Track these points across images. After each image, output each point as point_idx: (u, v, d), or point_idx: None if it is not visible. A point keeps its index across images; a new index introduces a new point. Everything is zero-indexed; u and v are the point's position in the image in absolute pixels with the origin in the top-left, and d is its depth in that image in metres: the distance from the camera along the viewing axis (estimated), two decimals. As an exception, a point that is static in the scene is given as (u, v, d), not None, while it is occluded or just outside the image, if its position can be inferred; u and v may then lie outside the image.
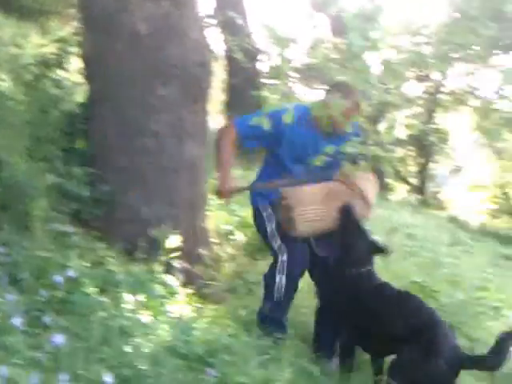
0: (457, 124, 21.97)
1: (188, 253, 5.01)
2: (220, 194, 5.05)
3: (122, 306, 3.77)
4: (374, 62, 5.05)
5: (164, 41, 5.18)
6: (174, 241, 4.78)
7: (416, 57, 5.75)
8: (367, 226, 4.84)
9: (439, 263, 8.10)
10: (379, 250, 4.75)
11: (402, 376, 4.19)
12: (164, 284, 4.38)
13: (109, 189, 5.12)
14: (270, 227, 4.90)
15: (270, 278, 4.84)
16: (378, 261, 6.78)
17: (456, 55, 5.73)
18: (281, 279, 4.75)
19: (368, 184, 4.91)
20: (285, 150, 4.89)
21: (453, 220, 16.98)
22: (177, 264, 4.70)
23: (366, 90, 5.30)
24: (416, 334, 4.21)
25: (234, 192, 5.07)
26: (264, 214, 4.96)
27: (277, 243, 4.84)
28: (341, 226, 4.69)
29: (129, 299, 3.87)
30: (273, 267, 4.83)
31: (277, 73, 4.90)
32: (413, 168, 23.15)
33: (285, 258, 4.76)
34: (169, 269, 4.61)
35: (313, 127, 4.87)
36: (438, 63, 5.50)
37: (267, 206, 4.95)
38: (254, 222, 5.21)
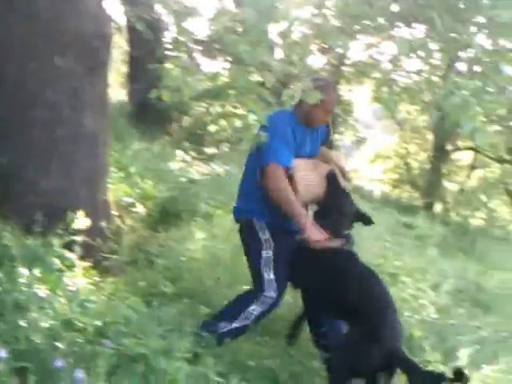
0: (360, 96, 22.33)
1: (88, 225, 4.96)
2: (320, 244, 4.49)
3: (18, 280, 3.70)
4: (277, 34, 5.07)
5: (61, 12, 5.07)
6: (73, 214, 4.72)
7: (318, 29, 5.80)
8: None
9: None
10: (364, 217, 4.74)
11: (338, 351, 4.28)
12: (61, 257, 4.31)
13: (5, 162, 5.01)
14: (267, 254, 4.57)
15: (243, 301, 4.56)
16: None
17: (357, 27, 5.80)
18: (254, 310, 4.48)
19: (343, 161, 4.97)
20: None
21: (356, 190, 17.30)
22: (76, 237, 4.63)
23: (267, 62, 5.30)
24: (365, 315, 4.24)
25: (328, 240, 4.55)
26: (261, 236, 4.63)
27: (269, 276, 4.50)
28: (329, 190, 4.65)
29: (24, 273, 3.80)
30: (252, 295, 4.55)
31: (178, 45, 4.86)
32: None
33: (273, 295, 4.48)
34: (67, 242, 4.54)
35: (297, 122, 4.75)
36: (339, 36, 5.56)
37: (264, 226, 4.65)
38: (241, 235, 4.87)
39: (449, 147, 22.39)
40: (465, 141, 21.01)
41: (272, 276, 4.49)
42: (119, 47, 14.53)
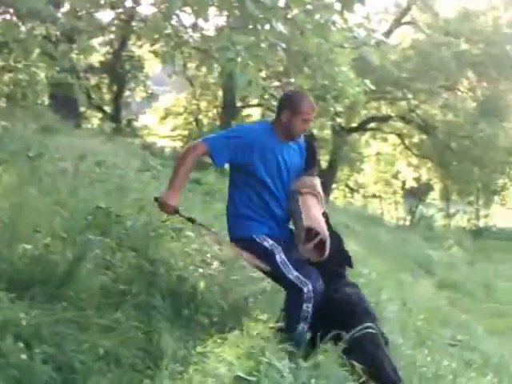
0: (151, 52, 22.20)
1: None
2: (164, 206, 4.82)
3: None
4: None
5: None
6: None
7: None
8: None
9: (127, 189, 8.24)
10: None
11: None
12: None
13: None
14: (280, 257, 4.76)
15: (293, 309, 4.71)
16: (62, 188, 6.75)
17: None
18: (307, 307, 4.65)
19: (318, 183, 5.12)
20: (257, 159, 4.83)
21: (146, 147, 17.27)
22: None
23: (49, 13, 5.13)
24: None
25: (176, 213, 4.93)
26: (266, 245, 4.82)
27: (293, 274, 4.70)
28: None
29: None
30: (295, 298, 4.70)
31: None
32: (107, 96, 23.12)
33: (310, 287, 4.65)
34: None
35: (276, 137, 4.90)
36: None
37: (264, 237, 4.83)
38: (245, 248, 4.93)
39: (239, 103, 22.80)
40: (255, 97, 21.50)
41: (295, 272, 4.69)
42: None
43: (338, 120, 15.31)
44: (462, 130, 28.71)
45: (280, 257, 4.76)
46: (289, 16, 4.86)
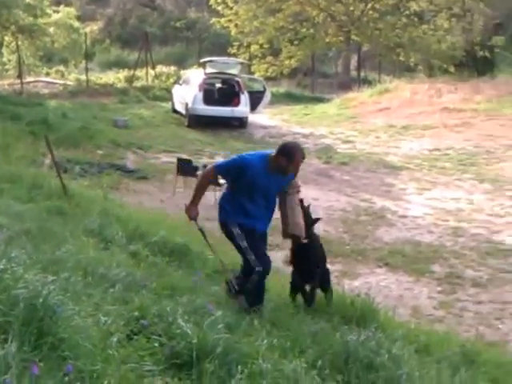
0: None
1: None
2: (187, 212, 6.93)
3: None
4: None
5: None
6: None
7: None
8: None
9: None
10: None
11: None
12: None
13: None
14: (244, 244, 6.76)
15: (247, 272, 6.81)
16: None
17: None
18: (253, 279, 6.72)
19: (298, 182, 7.30)
20: (243, 185, 6.76)
21: None
22: None
23: None
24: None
25: (193, 220, 7.00)
26: (234, 232, 6.82)
27: (251, 257, 6.74)
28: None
29: None
30: (247, 271, 6.79)
31: None
32: None
33: (260, 268, 6.70)
34: None
35: (268, 171, 6.75)
36: None
37: (236, 225, 6.81)
38: (223, 229, 7.03)
39: None
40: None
41: (253, 256, 6.74)
42: None
43: None
44: None
45: (244, 244, 6.82)
46: None
